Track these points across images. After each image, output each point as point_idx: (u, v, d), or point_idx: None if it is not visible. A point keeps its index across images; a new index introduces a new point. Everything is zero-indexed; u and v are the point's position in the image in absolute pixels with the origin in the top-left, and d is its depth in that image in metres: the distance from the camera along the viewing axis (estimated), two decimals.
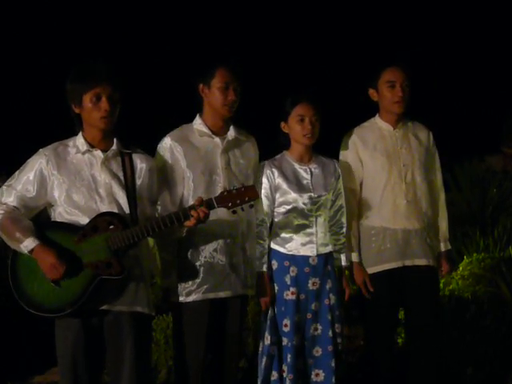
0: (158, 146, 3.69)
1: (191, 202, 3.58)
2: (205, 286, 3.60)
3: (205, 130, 3.69)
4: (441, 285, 4.96)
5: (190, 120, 3.77)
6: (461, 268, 5.83)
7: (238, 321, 3.72)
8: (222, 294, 3.62)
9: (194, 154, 3.65)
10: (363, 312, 4.11)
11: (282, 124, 3.86)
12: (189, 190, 3.63)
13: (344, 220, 3.91)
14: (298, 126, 3.79)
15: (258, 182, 3.80)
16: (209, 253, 3.62)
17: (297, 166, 3.86)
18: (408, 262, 3.91)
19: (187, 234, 3.54)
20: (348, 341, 4.82)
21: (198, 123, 3.72)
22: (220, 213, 3.46)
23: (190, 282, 3.59)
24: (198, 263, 3.61)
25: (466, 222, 6.78)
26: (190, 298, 3.59)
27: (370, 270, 3.93)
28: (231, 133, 3.71)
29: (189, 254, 3.61)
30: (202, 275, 3.60)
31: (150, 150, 3.64)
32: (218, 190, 3.60)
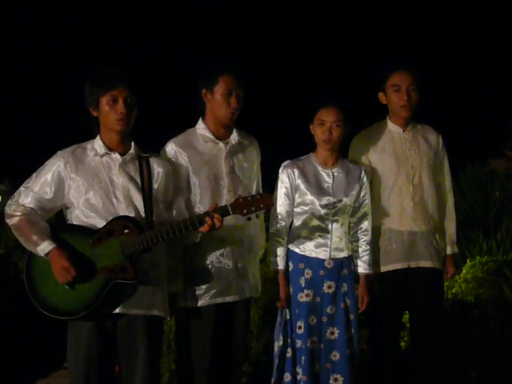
0: (162, 151, 3.68)
1: (199, 207, 3.59)
2: (212, 291, 3.58)
3: (208, 134, 3.68)
4: (444, 288, 4.95)
5: (193, 123, 3.77)
6: (464, 271, 5.82)
7: (244, 324, 3.72)
8: (229, 299, 3.61)
9: (199, 160, 3.64)
10: (368, 315, 4.10)
11: (310, 126, 3.86)
12: (195, 195, 3.62)
13: (369, 227, 3.87)
14: (318, 129, 3.79)
15: (277, 183, 3.82)
16: (215, 257, 3.61)
17: (320, 168, 3.85)
18: (413, 264, 3.91)
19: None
20: None
21: (201, 128, 3.71)
22: (227, 217, 3.46)
23: (197, 287, 3.58)
24: (204, 268, 3.60)
25: (468, 226, 6.77)
26: (198, 304, 3.57)
27: (375, 270, 3.92)
28: (234, 137, 3.71)
29: (195, 258, 3.60)
30: (209, 280, 3.58)
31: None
32: (225, 195, 3.60)
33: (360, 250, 3.87)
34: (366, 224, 3.88)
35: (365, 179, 3.87)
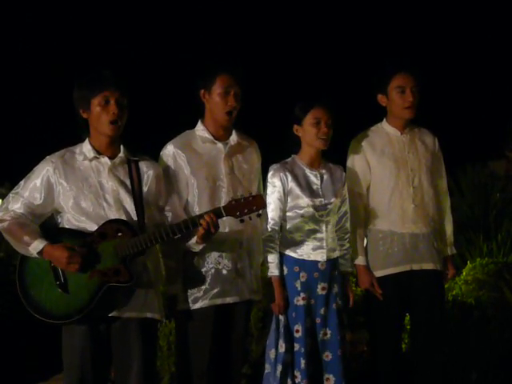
0: (161, 153, 3.68)
1: (196, 208, 3.59)
2: (212, 293, 3.58)
3: (207, 135, 3.68)
4: (445, 290, 4.95)
5: (193, 126, 3.76)
6: (464, 273, 5.83)
7: (243, 326, 3.72)
8: (228, 300, 3.61)
9: (198, 161, 3.64)
10: (368, 317, 4.11)
11: (295, 127, 3.84)
12: (193, 196, 3.62)
13: (348, 225, 3.92)
14: (313, 128, 3.78)
15: (267, 187, 3.81)
16: (215, 259, 3.61)
17: (307, 170, 3.85)
18: (415, 266, 3.92)
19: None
20: (352, 346, 4.82)
21: (200, 129, 3.71)
22: (225, 218, 3.45)
23: (197, 289, 3.58)
24: (204, 269, 3.60)
25: (469, 227, 6.79)
26: (197, 305, 3.57)
27: (378, 274, 3.93)
28: (233, 138, 3.71)
29: (195, 260, 3.60)
30: (208, 281, 3.59)
31: (153, 158, 3.62)
32: (223, 196, 3.60)
33: (343, 248, 3.89)
34: (346, 222, 3.91)
35: (344, 177, 3.91)
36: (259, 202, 3.34)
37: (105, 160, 3.37)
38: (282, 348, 3.73)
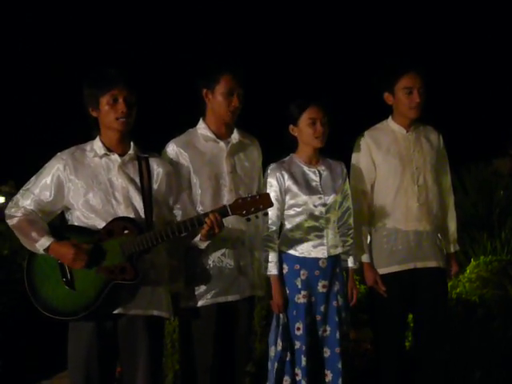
0: (163, 151, 3.68)
1: (199, 207, 3.58)
2: (214, 291, 3.58)
3: (209, 134, 3.68)
4: (448, 288, 4.95)
5: (193, 125, 3.76)
6: (468, 271, 5.83)
7: (246, 323, 3.71)
8: (231, 298, 3.60)
9: (200, 160, 3.64)
10: (371, 315, 4.10)
11: (291, 127, 3.85)
12: (196, 195, 3.62)
13: (351, 221, 3.91)
14: (309, 128, 3.78)
15: (264, 186, 3.81)
16: (217, 257, 3.60)
17: (306, 168, 3.85)
18: (419, 264, 3.92)
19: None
20: (355, 344, 4.81)
21: (202, 128, 3.71)
22: (229, 217, 3.44)
23: (199, 287, 3.57)
24: (206, 268, 3.59)
25: (472, 225, 6.79)
26: (199, 303, 3.57)
27: (381, 271, 3.93)
28: (235, 136, 3.71)
29: (197, 258, 3.59)
30: (210, 280, 3.58)
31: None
32: (225, 195, 3.60)
33: (346, 244, 3.88)
34: (349, 218, 3.90)
35: (345, 173, 3.92)
36: (266, 201, 3.33)
37: (115, 157, 3.37)
38: (279, 346, 3.74)
